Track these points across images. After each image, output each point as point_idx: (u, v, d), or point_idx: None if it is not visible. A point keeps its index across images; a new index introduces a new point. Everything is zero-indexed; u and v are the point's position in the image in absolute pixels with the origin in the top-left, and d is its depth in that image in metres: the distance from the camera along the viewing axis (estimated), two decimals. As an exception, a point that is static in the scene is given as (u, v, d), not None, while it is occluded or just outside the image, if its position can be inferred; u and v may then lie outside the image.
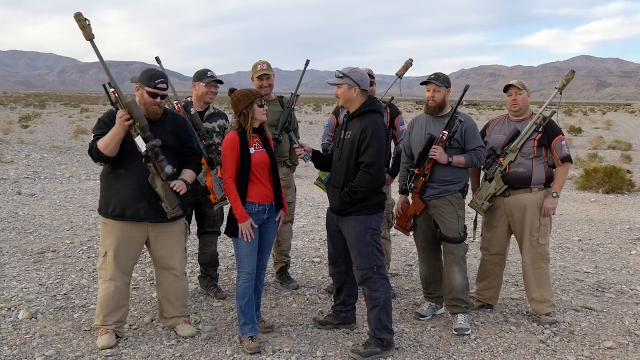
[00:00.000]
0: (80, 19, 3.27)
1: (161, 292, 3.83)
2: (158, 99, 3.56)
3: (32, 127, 26.98)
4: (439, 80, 4.01)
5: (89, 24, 3.28)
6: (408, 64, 4.83)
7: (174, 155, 3.65)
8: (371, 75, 4.52)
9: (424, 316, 4.24)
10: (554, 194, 4.14)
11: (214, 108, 4.56)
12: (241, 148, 3.56)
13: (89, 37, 3.32)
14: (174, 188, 3.51)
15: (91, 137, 3.52)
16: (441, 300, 4.30)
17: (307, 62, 4.95)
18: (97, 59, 3.50)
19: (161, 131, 3.56)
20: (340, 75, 3.60)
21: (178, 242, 3.77)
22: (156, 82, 3.53)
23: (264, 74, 4.65)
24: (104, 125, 3.52)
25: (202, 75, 4.42)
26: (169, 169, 3.47)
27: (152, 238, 3.68)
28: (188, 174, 3.69)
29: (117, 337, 3.66)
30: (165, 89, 3.60)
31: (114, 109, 3.50)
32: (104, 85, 3.52)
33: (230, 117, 4.79)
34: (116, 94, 3.45)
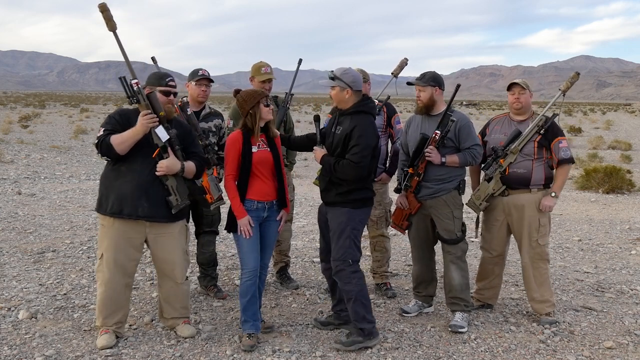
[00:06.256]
0: (105, 9, 3.33)
1: (161, 294, 3.83)
2: (171, 97, 3.66)
3: (32, 127, 27.01)
4: (423, 80, 4.02)
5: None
6: (403, 64, 4.84)
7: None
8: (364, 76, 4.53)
9: (408, 313, 4.27)
10: (553, 194, 4.14)
11: (210, 108, 4.57)
12: (243, 146, 3.60)
13: (113, 28, 3.40)
14: (157, 167, 3.51)
15: (100, 131, 3.51)
16: (429, 300, 4.36)
17: (300, 61, 4.94)
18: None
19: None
20: (332, 77, 3.63)
21: (178, 244, 3.74)
22: (167, 80, 3.67)
23: (269, 79, 4.61)
24: (115, 121, 3.54)
25: (194, 74, 4.44)
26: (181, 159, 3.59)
27: (151, 239, 3.66)
28: (188, 163, 3.67)
29: (117, 337, 3.66)
30: (175, 87, 3.71)
31: (131, 102, 3.51)
32: (120, 79, 3.53)
33: (227, 117, 4.78)
34: (139, 85, 3.48)
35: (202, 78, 4.42)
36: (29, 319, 3.98)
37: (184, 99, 4.35)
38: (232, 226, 3.65)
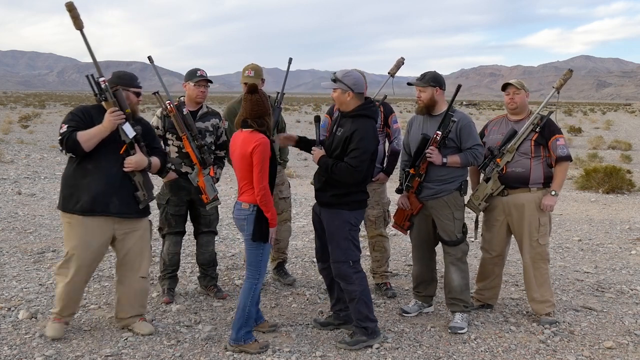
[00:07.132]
0: (72, 8, 3.43)
1: (121, 291, 3.80)
2: (140, 97, 3.76)
3: (32, 127, 26.95)
4: (423, 80, 4.03)
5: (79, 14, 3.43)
6: (400, 63, 4.83)
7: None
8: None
9: (408, 313, 4.28)
10: (553, 193, 4.14)
11: (207, 107, 4.55)
12: (272, 151, 3.52)
13: (80, 26, 3.50)
14: (125, 163, 3.58)
15: (63, 128, 3.51)
16: (429, 300, 4.36)
17: (290, 60, 4.92)
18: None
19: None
20: (334, 79, 3.62)
21: (147, 239, 3.81)
22: (138, 81, 3.77)
23: (247, 82, 4.60)
24: (78, 118, 3.57)
25: (192, 75, 4.41)
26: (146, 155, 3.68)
27: (119, 236, 3.68)
28: (153, 159, 3.76)
29: (66, 324, 3.73)
30: (141, 88, 3.84)
31: (99, 99, 3.57)
32: (87, 77, 3.59)
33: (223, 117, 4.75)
34: (107, 83, 3.55)
35: (201, 79, 4.40)
36: (29, 319, 3.98)
37: (181, 98, 4.34)
38: (264, 236, 3.52)
